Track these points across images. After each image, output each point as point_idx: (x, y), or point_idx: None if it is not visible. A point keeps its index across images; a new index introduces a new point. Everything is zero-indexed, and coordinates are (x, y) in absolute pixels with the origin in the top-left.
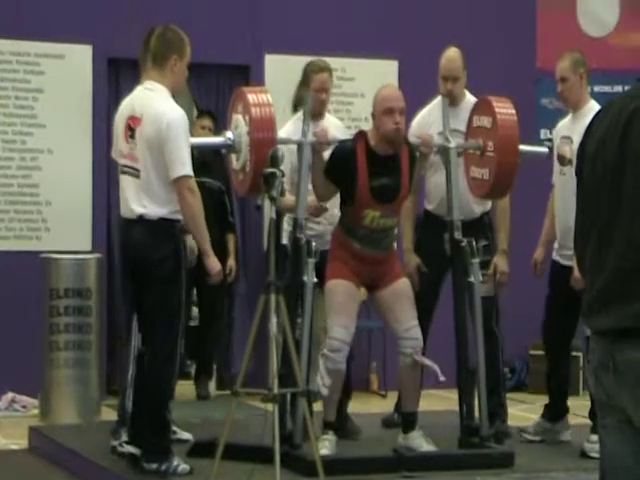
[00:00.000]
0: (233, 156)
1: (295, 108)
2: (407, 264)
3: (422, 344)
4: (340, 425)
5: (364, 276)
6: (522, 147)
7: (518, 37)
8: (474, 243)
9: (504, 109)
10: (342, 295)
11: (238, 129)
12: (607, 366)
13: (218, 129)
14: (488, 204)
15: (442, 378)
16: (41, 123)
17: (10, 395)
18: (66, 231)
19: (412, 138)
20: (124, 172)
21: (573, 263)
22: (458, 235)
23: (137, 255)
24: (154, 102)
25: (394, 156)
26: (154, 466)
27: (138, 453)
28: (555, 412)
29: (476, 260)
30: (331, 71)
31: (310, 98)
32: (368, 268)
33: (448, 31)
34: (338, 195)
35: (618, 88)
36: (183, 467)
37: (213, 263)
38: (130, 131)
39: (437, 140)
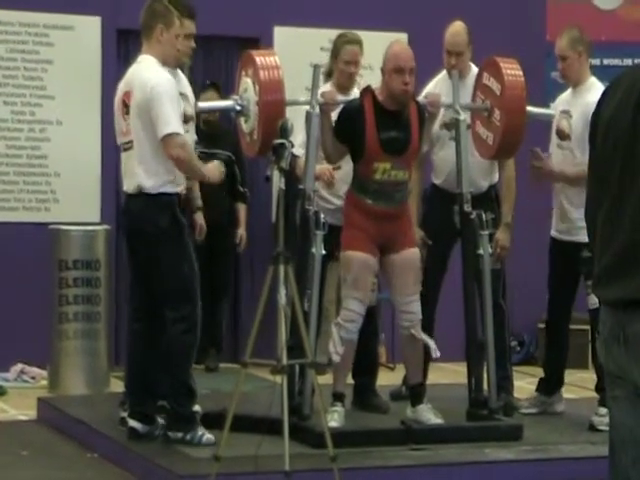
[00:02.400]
0: (242, 119)
1: (326, 79)
2: None
3: (420, 317)
4: (369, 400)
5: (379, 236)
6: (530, 108)
7: (528, 10)
8: (483, 216)
9: (511, 70)
10: (357, 268)
11: (247, 92)
12: (618, 337)
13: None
14: (495, 177)
15: (435, 355)
16: (50, 94)
17: (19, 366)
18: (75, 202)
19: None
20: (124, 149)
21: (574, 238)
22: (468, 208)
23: (136, 228)
24: (141, 72)
25: (402, 111)
26: (179, 435)
27: (139, 427)
28: (551, 385)
29: (485, 232)
30: (362, 44)
31: (318, 70)
32: (382, 225)
33: (457, 4)
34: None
35: (628, 61)
36: (208, 437)
37: (211, 169)
38: (125, 107)
39: (445, 100)
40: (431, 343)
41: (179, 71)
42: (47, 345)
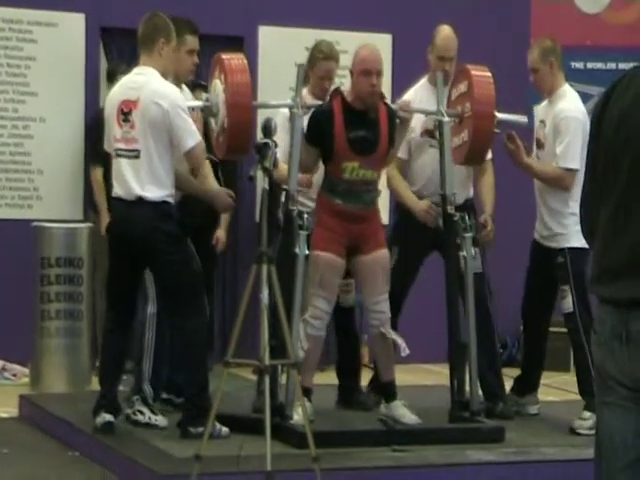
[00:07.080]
0: (212, 120)
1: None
2: (418, 210)
3: (389, 316)
4: (354, 399)
5: (348, 237)
6: (501, 115)
7: (512, 15)
8: (467, 218)
9: (480, 72)
10: (323, 268)
11: (216, 93)
12: (620, 336)
13: None
14: (470, 191)
15: (404, 353)
16: (33, 91)
17: (0, 363)
18: (58, 200)
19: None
20: (119, 155)
21: (551, 244)
22: (451, 209)
23: (142, 235)
24: (150, 84)
25: (371, 111)
26: (200, 430)
27: (113, 420)
28: (524, 386)
29: (469, 234)
30: (338, 59)
31: (302, 69)
32: (352, 227)
33: (442, 6)
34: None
35: (612, 65)
36: (225, 430)
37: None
38: (123, 115)
39: (427, 107)
40: (400, 341)
41: (184, 86)
42: (29, 342)
